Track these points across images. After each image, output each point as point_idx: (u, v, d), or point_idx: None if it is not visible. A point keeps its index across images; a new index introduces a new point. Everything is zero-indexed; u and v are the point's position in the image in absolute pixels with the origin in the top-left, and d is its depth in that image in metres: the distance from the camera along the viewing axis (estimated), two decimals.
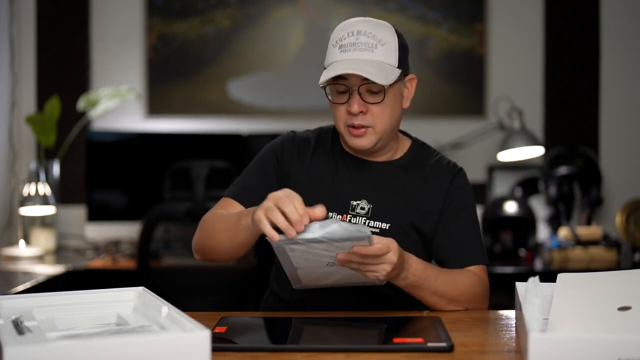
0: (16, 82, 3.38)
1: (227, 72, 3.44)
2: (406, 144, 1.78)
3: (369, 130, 1.64)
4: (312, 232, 1.36)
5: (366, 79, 1.57)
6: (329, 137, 1.77)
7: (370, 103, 1.62)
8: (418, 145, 1.79)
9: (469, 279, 1.64)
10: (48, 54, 3.42)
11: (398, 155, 1.75)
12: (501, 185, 3.38)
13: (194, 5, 3.43)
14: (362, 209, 1.69)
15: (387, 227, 1.67)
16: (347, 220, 1.67)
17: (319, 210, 1.39)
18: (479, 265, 1.68)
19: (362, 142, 1.65)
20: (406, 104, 1.71)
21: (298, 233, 1.36)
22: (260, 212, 1.40)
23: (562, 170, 3.17)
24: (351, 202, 1.69)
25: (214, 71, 3.44)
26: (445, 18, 3.43)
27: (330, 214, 1.67)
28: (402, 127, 1.87)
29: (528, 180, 3.36)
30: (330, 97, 1.66)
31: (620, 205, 3.18)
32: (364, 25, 1.62)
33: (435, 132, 3.38)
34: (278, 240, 1.37)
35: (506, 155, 3.20)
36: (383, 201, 1.69)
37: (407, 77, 1.71)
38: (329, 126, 1.78)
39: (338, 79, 1.61)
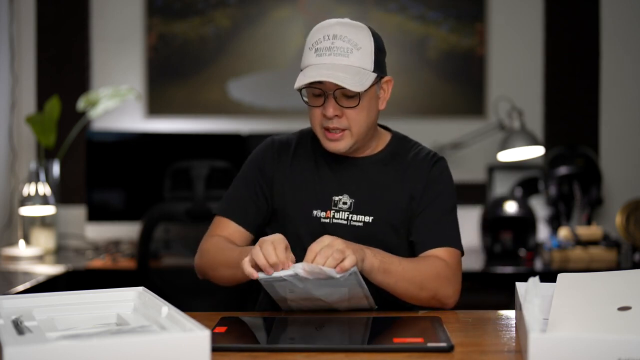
0: (16, 82, 3.38)
1: (227, 72, 3.44)
2: (386, 138, 1.79)
3: (345, 133, 1.66)
4: (291, 269, 1.44)
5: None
6: (309, 138, 1.80)
7: (345, 107, 1.64)
8: (398, 139, 1.80)
9: (433, 263, 1.64)
10: (48, 54, 3.42)
11: (378, 150, 1.77)
12: (501, 185, 3.38)
13: (194, 5, 3.43)
14: (345, 203, 1.71)
15: (370, 220, 1.70)
16: (331, 215, 1.70)
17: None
18: (449, 249, 1.68)
19: (338, 145, 1.67)
20: (382, 105, 1.72)
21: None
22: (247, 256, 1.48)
23: (562, 170, 3.17)
24: (333, 197, 1.72)
25: (214, 71, 3.44)
26: (445, 18, 3.43)
27: (315, 211, 1.71)
28: (402, 127, 1.88)
29: (528, 180, 3.36)
30: (306, 99, 1.68)
31: (620, 205, 3.18)
32: (340, 28, 1.63)
33: (435, 132, 3.38)
34: (256, 277, 1.46)
35: (506, 155, 3.20)
36: (365, 195, 1.71)
37: (384, 79, 1.71)
38: (310, 128, 1.80)
39: (314, 82, 1.62)
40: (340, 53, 1.61)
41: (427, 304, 1.63)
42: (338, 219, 1.70)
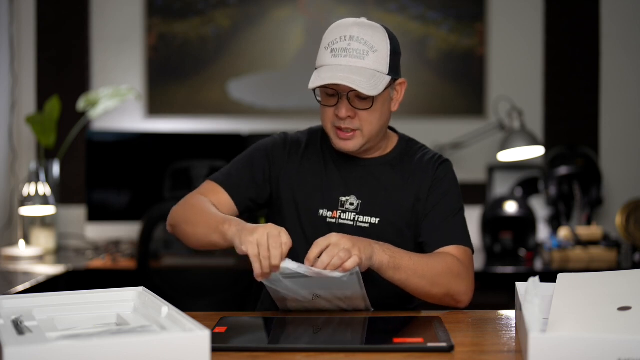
0: (16, 82, 3.38)
1: (227, 72, 3.44)
2: (394, 140, 1.80)
3: (356, 133, 1.67)
4: (293, 267, 1.44)
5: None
6: (319, 137, 1.80)
7: (358, 109, 1.64)
8: (405, 141, 1.81)
9: (444, 259, 1.63)
10: (48, 54, 3.42)
11: (386, 152, 1.78)
12: (501, 185, 3.38)
13: (194, 5, 3.43)
14: (352, 204, 1.71)
15: (376, 222, 1.70)
16: (337, 216, 1.71)
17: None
18: (459, 247, 1.68)
19: (349, 145, 1.68)
20: (395, 107, 1.72)
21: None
22: (247, 248, 1.45)
23: (562, 170, 3.17)
24: (340, 198, 1.72)
25: (214, 71, 3.44)
26: (445, 18, 3.43)
27: (321, 211, 1.71)
28: (401, 127, 1.88)
29: (528, 180, 3.36)
30: (319, 99, 1.68)
31: (620, 205, 3.18)
32: (357, 29, 1.62)
33: (435, 132, 3.38)
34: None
35: (506, 155, 3.20)
36: (372, 197, 1.72)
37: (398, 82, 1.70)
38: (319, 126, 1.80)
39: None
40: (356, 55, 1.60)
41: (441, 301, 1.62)
42: (344, 219, 1.70)
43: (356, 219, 1.70)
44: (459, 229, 1.71)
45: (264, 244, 1.43)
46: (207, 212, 1.66)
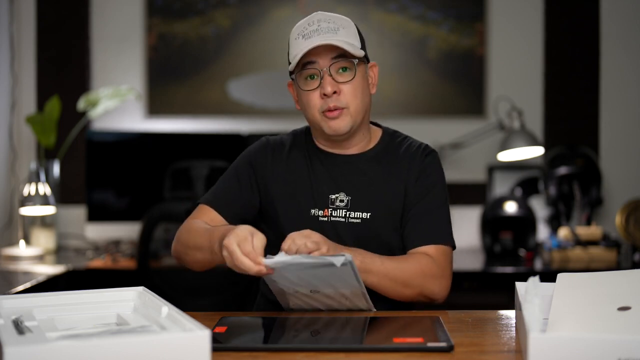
0: (16, 82, 3.38)
1: (227, 72, 3.44)
2: (377, 134, 1.81)
3: (343, 111, 1.68)
4: (285, 258, 1.42)
5: (336, 57, 1.63)
6: (303, 138, 1.81)
7: (341, 82, 1.66)
8: (389, 134, 1.82)
9: (418, 261, 1.64)
10: (48, 54, 3.42)
11: (370, 146, 1.78)
12: (501, 185, 3.38)
13: (194, 5, 3.43)
14: (342, 201, 1.72)
15: (367, 217, 1.71)
16: (329, 214, 1.71)
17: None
18: (436, 247, 1.68)
19: (339, 124, 1.68)
20: (373, 89, 1.76)
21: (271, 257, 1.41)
22: (229, 260, 1.42)
23: (562, 170, 3.17)
24: (330, 195, 1.73)
25: (214, 71, 3.44)
26: (445, 18, 3.43)
27: (313, 210, 1.72)
28: (401, 127, 1.88)
29: (528, 180, 3.37)
30: (301, 86, 1.69)
31: (620, 205, 3.18)
32: (322, 15, 1.69)
33: (435, 132, 3.38)
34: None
35: (506, 155, 3.20)
36: (361, 192, 1.72)
37: (370, 64, 1.75)
38: (303, 128, 1.82)
39: (307, 64, 1.65)
40: (328, 31, 1.65)
41: (413, 300, 1.65)
42: (336, 217, 1.71)
43: (347, 216, 1.71)
44: (439, 225, 1.71)
45: (236, 252, 1.40)
46: (195, 235, 1.65)
